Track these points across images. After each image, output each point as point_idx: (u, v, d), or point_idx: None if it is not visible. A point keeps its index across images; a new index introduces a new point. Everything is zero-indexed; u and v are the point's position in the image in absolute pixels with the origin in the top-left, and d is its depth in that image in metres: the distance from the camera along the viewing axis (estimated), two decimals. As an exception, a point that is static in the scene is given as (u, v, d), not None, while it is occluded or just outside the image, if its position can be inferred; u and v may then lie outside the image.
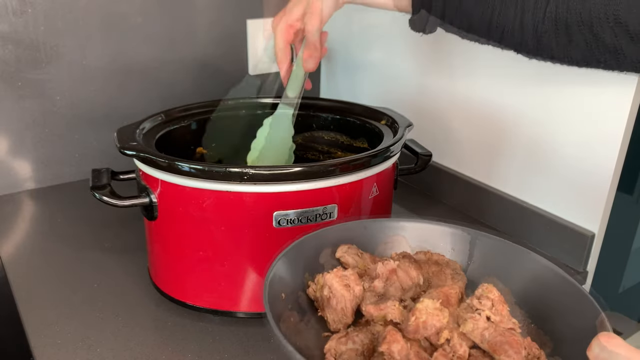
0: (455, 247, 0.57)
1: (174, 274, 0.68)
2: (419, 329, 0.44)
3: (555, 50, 0.62)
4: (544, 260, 0.52)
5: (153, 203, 0.65)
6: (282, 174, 0.60)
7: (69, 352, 0.62)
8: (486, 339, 0.44)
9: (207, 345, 0.63)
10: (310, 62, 0.72)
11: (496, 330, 0.44)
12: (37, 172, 0.98)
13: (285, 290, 0.49)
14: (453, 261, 0.56)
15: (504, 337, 0.44)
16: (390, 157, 0.68)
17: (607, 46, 0.59)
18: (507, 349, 0.43)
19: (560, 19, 0.60)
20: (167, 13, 1.01)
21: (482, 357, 0.44)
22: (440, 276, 0.54)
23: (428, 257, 0.56)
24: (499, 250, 0.55)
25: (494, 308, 0.46)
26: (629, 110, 0.70)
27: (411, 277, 0.52)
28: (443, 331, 0.45)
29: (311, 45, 0.71)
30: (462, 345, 0.44)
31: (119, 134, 0.68)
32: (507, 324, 0.45)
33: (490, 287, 0.47)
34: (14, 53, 0.90)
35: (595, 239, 0.78)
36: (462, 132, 0.94)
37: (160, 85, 1.05)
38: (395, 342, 0.43)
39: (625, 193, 0.79)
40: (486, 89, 0.88)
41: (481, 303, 0.46)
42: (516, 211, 0.86)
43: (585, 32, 0.59)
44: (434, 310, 0.45)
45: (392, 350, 0.43)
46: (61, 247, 0.82)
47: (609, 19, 0.57)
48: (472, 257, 0.56)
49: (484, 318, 0.45)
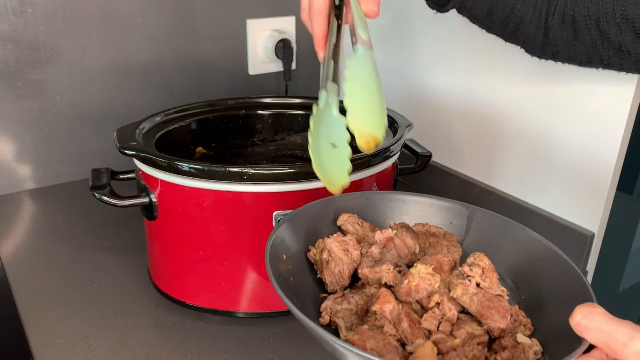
0: (453, 221, 0.59)
1: (174, 274, 0.68)
2: (411, 291, 0.47)
3: (560, 46, 0.62)
4: (538, 237, 0.54)
5: (153, 203, 0.65)
6: (282, 174, 0.60)
7: (69, 352, 0.62)
8: (475, 303, 0.46)
9: (207, 345, 0.63)
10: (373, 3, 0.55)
11: (485, 296, 0.46)
12: (37, 172, 0.98)
13: (286, 253, 0.50)
14: (450, 234, 0.58)
15: (491, 303, 0.46)
16: (390, 157, 0.68)
17: (612, 43, 0.59)
18: (493, 314, 0.45)
19: (568, 13, 0.60)
20: (167, 13, 1.01)
21: (471, 321, 0.46)
22: (436, 247, 0.55)
23: (426, 229, 0.57)
24: (495, 225, 0.57)
25: (484, 275, 0.48)
26: (629, 110, 0.70)
27: (408, 246, 0.54)
28: (434, 295, 0.47)
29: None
30: (451, 309, 0.46)
31: (119, 134, 0.68)
32: (495, 291, 0.47)
33: (482, 256, 0.50)
34: (14, 53, 0.91)
35: (595, 239, 0.78)
36: (462, 132, 0.94)
37: (160, 85, 1.05)
38: (387, 303, 0.45)
39: (625, 193, 0.79)
40: (486, 89, 0.88)
41: (472, 270, 0.48)
42: (516, 211, 0.86)
43: (591, 28, 0.59)
44: (427, 275, 0.47)
45: (384, 310, 0.45)
46: (61, 247, 0.82)
47: (616, 16, 0.57)
48: (469, 231, 0.58)
49: (474, 284, 0.47)
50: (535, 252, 0.53)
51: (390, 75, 1.06)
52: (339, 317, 0.46)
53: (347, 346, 0.38)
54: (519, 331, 0.46)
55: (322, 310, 0.48)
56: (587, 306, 0.35)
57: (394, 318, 0.45)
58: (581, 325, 0.34)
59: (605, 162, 0.74)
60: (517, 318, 0.47)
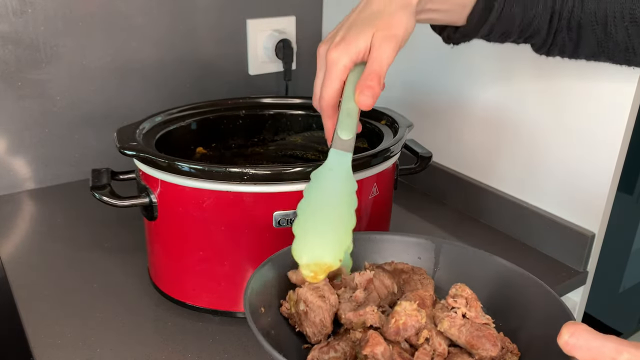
0: (421, 256, 0.59)
1: (174, 274, 0.68)
2: (399, 330, 0.46)
3: (567, 46, 0.62)
4: (507, 263, 0.54)
5: (153, 203, 0.65)
6: (282, 174, 0.60)
7: (69, 352, 0.62)
8: (463, 334, 0.46)
9: (207, 345, 0.63)
10: (367, 96, 0.51)
11: (472, 326, 0.46)
12: (37, 172, 0.98)
13: (264, 305, 0.50)
14: (417, 267, 0.58)
15: (480, 332, 0.46)
16: (390, 157, 0.68)
17: (619, 45, 0.59)
18: (484, 343, 0.45)
19: (574, 20, 0.60)
20: (167, 13, 1.01)
21: (461, 353, 0.46)
22: (410, 282, 0.55)
23: (393, 267, 0.58)
24: (463, 256, 0.58)
25: (468, 305, 0.48)
26: (629, 110, 0.70)
27: (386, 286, 0.53)
28: (422, 331, 0.46)
29: (373, 75, 0.51)
30: (441, 343, 0.46)
31: (119, 134, 0.68)
32: (481, 320, 0.47)
33: (463, 286, 0.50)
34: (14, 53, 0.91)
35: (595, 239, 0.78)
36: (462, 132, 0.94)
37: (160, 85, 1.05)
38: (378, 345, 0.44)
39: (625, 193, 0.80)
40: (486, 89, 0.88)
41: (456, 301, 0.48)
42: (516, 211, 0.86)
43: (598, 31, 0.59)
44: (412, 311, 0.47)
45: (376, 352, 0.44)
46: (61, 247, 0.82)
47: (624, 18, 0.57)
48: (438, 264, 0.59)
49: (460, 315, 0.47)
50: (505, 277, 0.54)
51: (391, 75, 1.05)
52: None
53: None
54: (507, 358, 0.47)
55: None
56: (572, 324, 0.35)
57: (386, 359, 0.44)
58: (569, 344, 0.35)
59: (606, 162, 0.74)
60: (504, 344, 0.47)
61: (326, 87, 0.53)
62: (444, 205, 0.98)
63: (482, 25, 0.61)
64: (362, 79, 0.51)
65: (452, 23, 0.62)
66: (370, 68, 0.51)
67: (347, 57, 0.52)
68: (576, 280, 0.80)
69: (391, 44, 0.51)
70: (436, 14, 0.60)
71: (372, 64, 0.51)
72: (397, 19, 0.52)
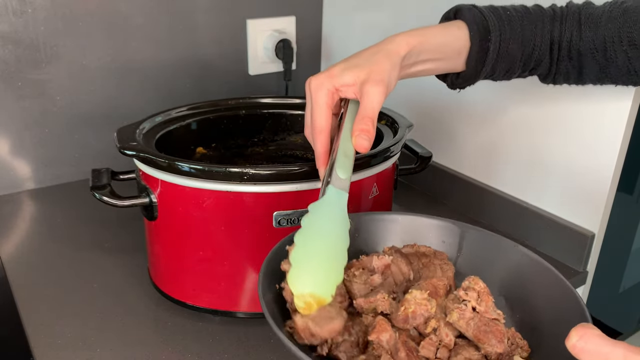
0: (445, 239, 0.59)
1: (174, 274, 0.68)
2: (407, 318, 0.46)
3: (571, 74, 0.64)
4: (531, 254, 0.53)
5: (153, 203, 0.65)
6: (282, 174, 0.60)
7: (69, 352, 0.62)
8: (471, 328, 0.46)
9: (207, 345, 0.63)
10: (364, 139, 0.52)
11: (481, 320, 0.46)
12: (37, 172, 0.98)
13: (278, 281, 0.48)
14: (440, 252, 0.57)
15: (488, 327, 0.46)
16: (390, 157, 0.68)
17: (620, 68, 0.60)
18: (490, 338, 0.45)
19: (574, 48, 0.61)
20: (167, 13, 1.01)
21: (467, 346, 0.46)
22: (430, 267, 0.55)
23: (415, 250, 0.57)
24: (487, 242, 0.57)
25: (479, 299, 0.48)
26: (629, 110, 0.70)
27: (403, 273, 0.53)
28: (430, 321, 0.47)
29: (367, 119, 0.53)
30: (448, 334, 0.46)
31: (119, 134, 0.68)
32: (491, 315, 0.47)
33: (477, 279, 0.49)
34: (14, 53, 0.91)
35: (595, 239, 0.78)
36: (462, 132, 0.94)
37: (160, 85, 1.05)
38: (384, 331, 0.45)
39: (625, 193, 0.79)
40: (486, 89, 0.88)
41: (467, 294, 0.48)
42: (516, 211, 0.86)
43: (598, 58, 0.60)
44: (422, 300, 0.47)
45: (381, 339, 0.44)
46: (61, 247, 0.82)
47: (622, 42, 0.58)
48: (461, 249, 0.58)
49: (470, 309, 0.47)
50: (528, 269, 0.53)
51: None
52: (340, 351, 0.45)
53: None
54: (516, 353, 0.46)
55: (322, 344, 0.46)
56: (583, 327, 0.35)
57: (390, 347, 0.45)
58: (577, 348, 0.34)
59: (605, 162, 0.74)
60: (514, 340, 0.47)
61: (314, 114, 0.55)
62: (444, 205, 0.98)
63: (481, 68, 0.63)
64: (356, 123, 0.53)
65: (451, 70, 0.64)
66: (363, 113, 0.53)
67: (330, 83, 0.55)
68: (576, 280, 0.80)
69: (379, 89, 0.53)
70: (433, 64, 0.61)
71: (364, 109, 0.53)
72: (382, 66, 0.55)
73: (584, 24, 0.60)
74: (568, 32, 0.61)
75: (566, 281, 0.49)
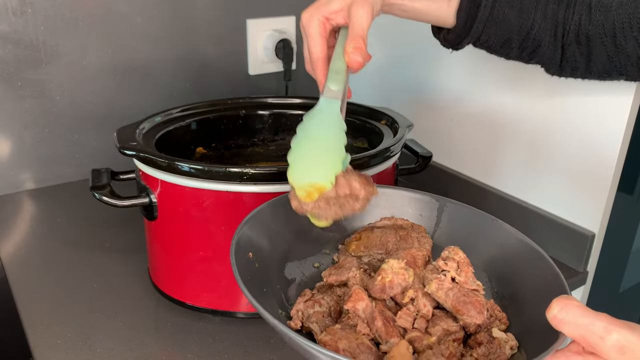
0: (423, 213, 0.58)
1: (174, 274, 0.68)
2: (385, 288, 0.46)
3: (578, 62, 0.62)
4: (511, 228, 0.53)
5: (153, 203, 0.65)
6: (282, 174, 0.59)
7: (69, 352, 0.62)
8: (450, 298, 0.45)
9: (207, 345, 0.63)
10: (356, 54, 0.54)
11: (460, 291, 0.45)
12: (37, 172, 0.98)
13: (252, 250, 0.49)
14: (417, 225, 0.57)
15: (467, 298, 0.45)
16: (390, 157, 0.68)
17: (630, 57, 0.59)
18: (469, 309, 0.44)
19: (582, 32, 0.60)
20: (167, 13, 1.01)
21: (446, 317, 0.45)
22: (407, 240, 0.54)
23: (393, 223, 0.57)
24: (465, 216, 0.56)
25: (459, 269, 0.47)
26: (629, 110, 0.70)
27: (352, 188, 0.52)
28: (408, 290, 0.46)
29: (358, 37, 0.55)
30: (426, 304, 0.45)
31: (119, 134, 0.68)
32: (471, 285, 0.46)
33: (456, 249, 0.49)
34: (14, 53, 0.90)
35: (595, 239, 0.78)
36: (462, 132, 0.94)
37: (160, 85, 1.05)
38: (360, 300, 0.44)
39: (625, 193, 0.79)
40: (486, 89, 0.88)
41: (447, 264, 0.47)
42: (517, 211, 0.86)
43: (607, 44, 0.59)
44: (399, 269, 0.46)
45: (357, 308, 0.44)
46: (61, 247, 0.82)
47: (633, 28, 0.57)
48: (439, 223, 0.57)
49: (449, 279, 0.46)
50: (508, 243, 0.52)
51: (391, 76, 1.06)
52: (312, 322, 0.45)
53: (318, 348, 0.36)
54: (494, 326, 0.46)
55: (293, 315, 0.46)
56: (563, 298, 0.34)
57: (367, 316, 0.44)
58: (557, 319, 0.34)
59: (606, 162, 0.74)
60: (493, 312, 0.46)
61: (309, 46, 0.58)
62: (444, 205, 0.98)
63: (472, 25, 0.62)
64: (348, 42, 0.55)
65: (442, 20, 0.64)
66: (353, 33, 0.56)
67: (319, 13, 0.57)
68: (576, 280, 0.80)
69: (366, 9, 0.55)
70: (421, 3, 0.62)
71: (354, 29, 0.56)
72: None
73: (595, 7, 0.59)
74: (577, 14, 0.60)
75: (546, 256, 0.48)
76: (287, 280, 0.51)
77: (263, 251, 0.50)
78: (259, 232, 0.51)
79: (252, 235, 0.49)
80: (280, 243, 0.53)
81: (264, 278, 0.48)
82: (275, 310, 0.46)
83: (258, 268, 0.48)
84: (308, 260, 0.55)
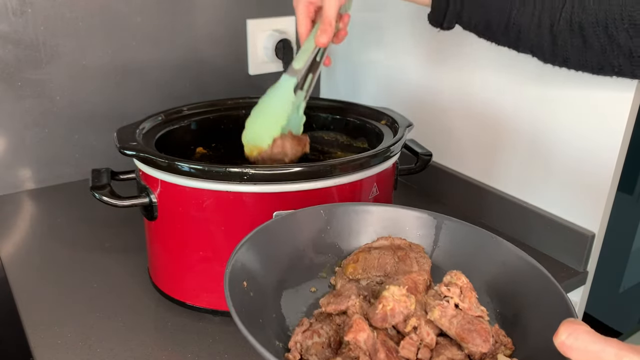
0: (420, 231, 0.57)
1: (174, 274, 0.68)
2: (386, 317, 0.44)
3: (570, 52, 0.62)
4: (512, 247, 0.51)
5: (153, 203, 0.65)
6: (282, 174, 0.60)
7: (69, 352, 0.62)
8: (454, 326, 0.43)
9: (207, 345, 0.63)
10: (322, 36, 0.70)
11: (464, 318, 0.43)
12: (37, 172, 0.98)
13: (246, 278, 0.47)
14: (416, 244, 0.55)
15: (472, 325, 0.43)
16: (390, 157, 0.68)
17: (622, 49, 0.59)
18: (474, 337, 0.42)
19: (575, 20, 0.60)
20: (167, 13, 1.01)
21: (450, 345, 0.43)
22: (406, 260, 0.53)
23: (390, 242, 0.55)
24: (464, 234, 0.54)
25: (462, 295, 0.45)
26: (629, 110, 0.70)
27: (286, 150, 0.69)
28: (410, 319, 0.44)
29: (325, 20, 0.69)
30: (429, 333, 0.43)
31: (119, 134, 0.68)
32: (475, 312, 0.44)
33: (459, 274, 0.47)
34: (14, 53, 0.90)
35: (595, 239, 0.78)
36: (462, 132, 0.94)
37: (160, 85, 1.05)
38: (361, 331, 0.42)
39: (625, 193, 0.80)
40: (486, 89, 0.88)
41: (449, 290, 0.45)
42: (516, 211, 0.86)
43: (600, 34, 0.59)
44: (401, 296, 0.44)
45: (358, 340, 0.42)
46: (61, 247, 0.82)
47: (624, 21, 0.57)
48: (437, 241, 0.56)
49: (452, 305, 0.44)
50: (509, 262, 0.51)
51: (391, 76, 1.06)
52: (312, 354, 0.43)
53: None
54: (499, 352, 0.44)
55: (291, 347, 0.44)
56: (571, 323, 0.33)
57: (369, 348, 0.41)
58: (566, 345, 0.33)
59: (606, 162, 0.74)
60: (498, 338, 0.45)
61: (297, 25, 0.73)
62: (444, 205, 0.98)
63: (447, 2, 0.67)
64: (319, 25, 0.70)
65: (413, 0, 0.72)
66: (322, 18, 0.70)
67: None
68: (576, 280, 0.80)
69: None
70: None
71: (323, 15, 0.70)
72: None
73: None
74: (569, 2, 0.60)
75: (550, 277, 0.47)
76: (284, 307, 0.50)
77: (257, 278, 0.49)
78: (252, 258, 0.49)
79: (245, 262, 0.48)
80: (274, 269, 0.51)
81: (260, 307, 0.46)
82: (272, 342, 0.44)
83: (253, 297, 0.46)
84: (304, 285, 0.53)
